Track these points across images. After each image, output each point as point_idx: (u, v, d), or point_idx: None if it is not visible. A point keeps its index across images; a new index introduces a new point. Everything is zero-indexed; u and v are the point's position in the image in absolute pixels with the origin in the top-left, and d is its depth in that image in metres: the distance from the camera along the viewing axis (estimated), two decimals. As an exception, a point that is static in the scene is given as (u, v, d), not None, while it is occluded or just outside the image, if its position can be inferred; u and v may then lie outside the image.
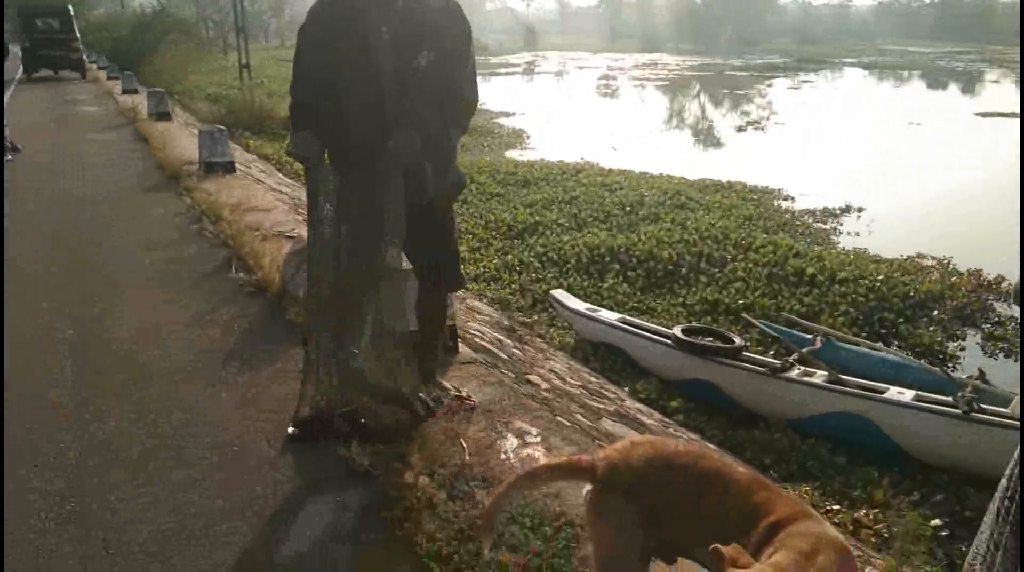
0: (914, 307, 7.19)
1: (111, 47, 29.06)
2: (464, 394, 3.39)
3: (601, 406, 4.31)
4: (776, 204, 11.44)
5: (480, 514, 2.58)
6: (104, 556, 2.49)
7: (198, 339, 4.13)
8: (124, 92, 17.57)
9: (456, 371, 3.71)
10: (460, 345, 3.99)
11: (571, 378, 4.86)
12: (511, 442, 3.08)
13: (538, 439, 3.11)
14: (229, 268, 5.29)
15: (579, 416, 3.71)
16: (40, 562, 2.46)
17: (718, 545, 1.52)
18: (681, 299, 7.29)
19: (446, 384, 3.44)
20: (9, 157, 9.47)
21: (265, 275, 4.87)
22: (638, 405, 5.19)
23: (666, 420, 5.12)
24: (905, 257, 8.68)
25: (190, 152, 9.53)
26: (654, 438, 1.85)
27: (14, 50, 12.99)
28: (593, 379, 5.35)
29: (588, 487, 1.83)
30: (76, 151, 10.53)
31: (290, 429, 3.13)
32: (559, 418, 3.41)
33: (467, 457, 2.96)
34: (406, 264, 3.11)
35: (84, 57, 23.90)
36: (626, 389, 5.83)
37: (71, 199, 7.70)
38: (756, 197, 11.70)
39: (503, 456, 2.98)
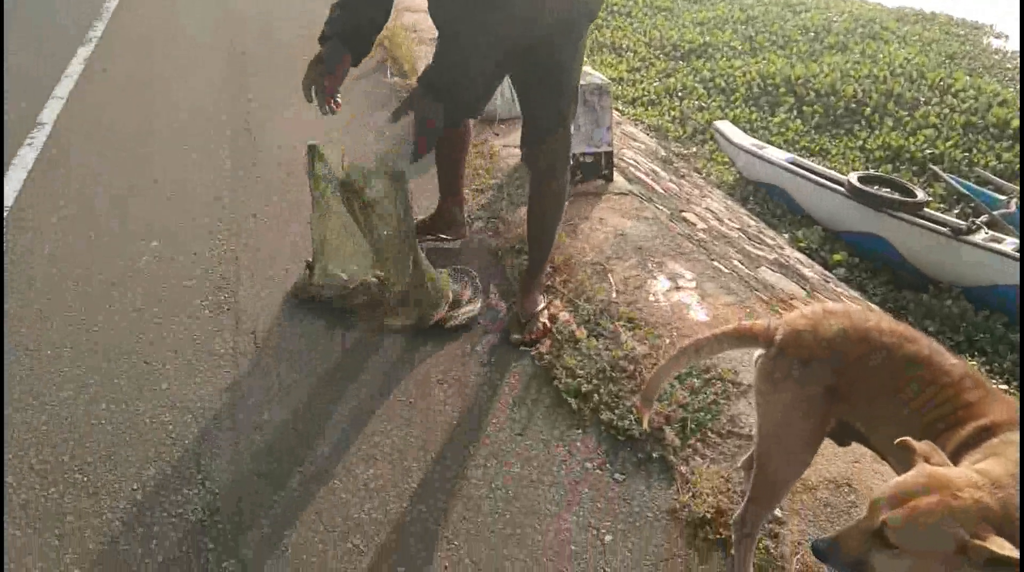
0: None
1: None
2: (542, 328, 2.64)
3: (760, 253, 4.00)
4: (985, 42, 9.96)
5: (624, 357, 2.45)
6: (254, 349, 2.56)
7: (352, 144, 4.06)
8: None
9: (609, 203, 3.49)
10: (615, 174, 3.73)
11: (729, 220, 4.53)
12: (662, 284, 2.89)
13: (692, 284, 2.90)
14: (384, 71, 5.15)
15: (736, 262, 3.45)
16: (196, 344, 2.56)
17: (908, 438, 1.30)
18: (860, 142, 6.60)
19: (545, 311, 2.71)
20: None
21: (420, 80, 4.69)
22: (798, 255, 4.84)
23: (826, 274, 4.76)
24: None
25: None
26: (852, 309, 1.60)
27: None
28: (752, 222, 4.99)
29: (759, 352, 1.62)
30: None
31: None
32: (716, 263, 3.16)
33: (614, 295, 2.80)
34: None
35: None
36: (786, 236, 5.44)
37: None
38: (962, 32, 10.22)
39: (652, 297, 2.80)
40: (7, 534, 1.91)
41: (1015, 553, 1.09)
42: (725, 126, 6.43)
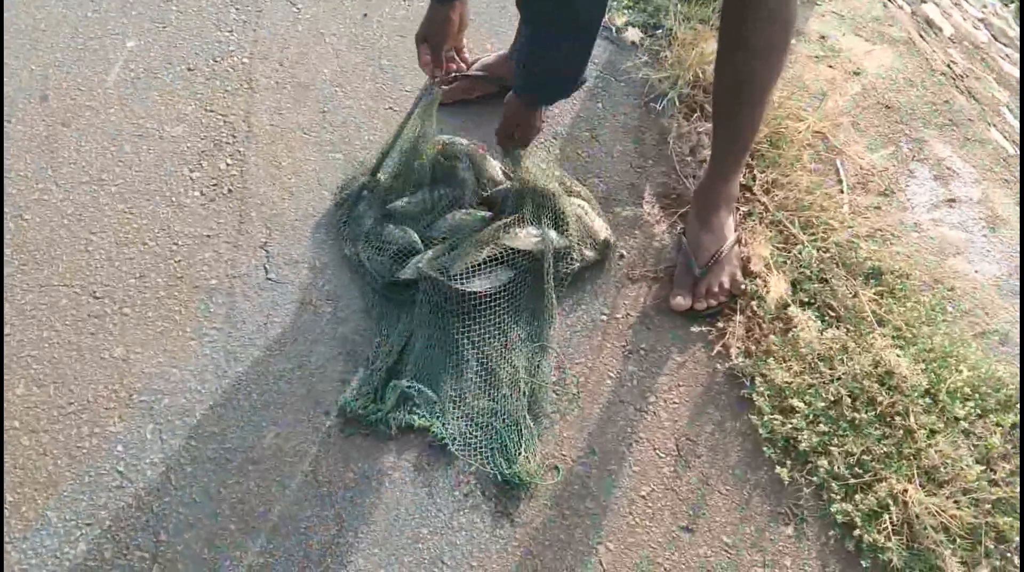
0: None
1: None
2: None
3: (1015, 73, 2.53)
4: None
5: (873, 373, 1.31)
6: (264, 282, 1.50)
7: None
8: None
9: (833, 2, 2.03)
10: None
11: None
12: (925, 190, 1.62)
13: (974, 192, 1.62)
14: None
15: (1008, 114, 2.06)
16: (176, 265, 1.50)
17: None
18: None
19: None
20: None
21: None
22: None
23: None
24: None
25: None
26: None
27: None
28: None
29: None
30: None
31: None
32: (992, 131, 1.82)
33: (846, 209, 1.56)
34: None
35: None
36: (1011, 7, 3.73)
37: None
38: None
39: (910, 218, 1.56)
40: None
41: None
42: None
